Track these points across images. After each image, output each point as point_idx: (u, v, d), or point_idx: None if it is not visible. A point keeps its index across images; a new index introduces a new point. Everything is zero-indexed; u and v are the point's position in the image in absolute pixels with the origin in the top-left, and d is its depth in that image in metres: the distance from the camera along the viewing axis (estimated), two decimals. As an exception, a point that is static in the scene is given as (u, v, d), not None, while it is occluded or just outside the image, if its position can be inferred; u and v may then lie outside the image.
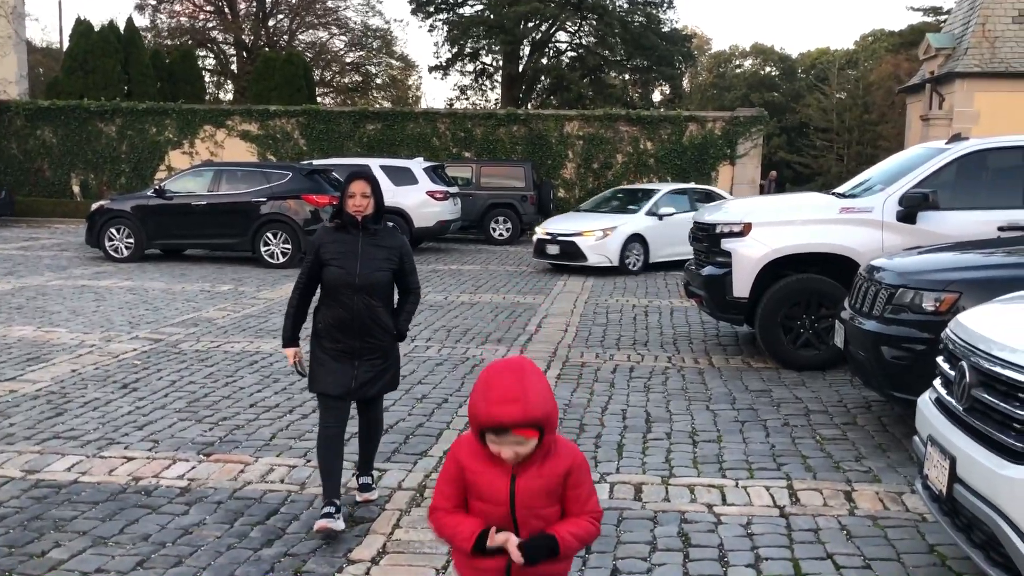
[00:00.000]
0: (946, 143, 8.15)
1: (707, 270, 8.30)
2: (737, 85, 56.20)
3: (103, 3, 72.80)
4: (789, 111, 49.87)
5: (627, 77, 42.98)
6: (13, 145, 24.36)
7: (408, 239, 20.62)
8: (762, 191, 24.58)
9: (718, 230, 8.25)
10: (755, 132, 23.34)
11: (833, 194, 8.61)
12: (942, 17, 37.58)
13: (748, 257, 7.92)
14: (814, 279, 7.82)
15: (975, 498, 3.08)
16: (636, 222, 14.91)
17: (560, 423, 6.10)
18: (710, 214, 8.77)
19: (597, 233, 14.43)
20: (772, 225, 8.01)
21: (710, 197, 15.68)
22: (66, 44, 28.91)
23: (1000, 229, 7.28)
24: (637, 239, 14.72)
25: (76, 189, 24.45)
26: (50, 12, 78.07)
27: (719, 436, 5.85)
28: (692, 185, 17.59)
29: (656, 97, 46.98)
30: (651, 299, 11.95)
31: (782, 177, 36.13)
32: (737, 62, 62.82)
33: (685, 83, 50.16)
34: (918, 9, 42.24)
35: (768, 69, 59.42)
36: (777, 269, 7.90)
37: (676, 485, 4.93)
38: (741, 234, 8.04)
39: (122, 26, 27.88)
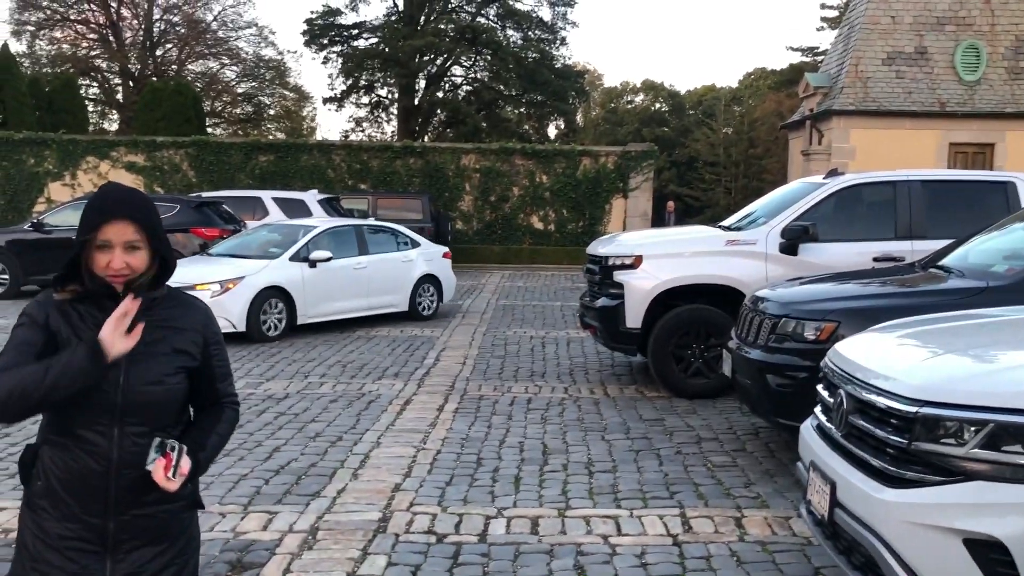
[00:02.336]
0: (823, 178, 8.55)
1: (600, 301, 8.44)
2: (629, 120, 57.79)
3: (-23, 28, 69.55)
4: (679, 145, 51.59)
5: (522, 111, 43.60)
6: None
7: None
8: (664, 223, 25.24)
9: (610, 262, 8.41)
10: (646, 166, 23.98)
11: (719, 227, 8.92)
12: (819, 57, 39.66)
13: (639, 288, 8.09)
14: (703, 309, 8.05)
15: (854, 521, 3.19)
16: (275, 270, 11.08)
17: (458, 457, 6.06)
18: (603, 246, 8.93)
19: (213, 287, 10.49)
20: (662, 257, 8.23)
21: (395, 236, 13.10)
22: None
23: (875, 260, 7.66)
24: (277, 293, 10.98)
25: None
26: (-82, 36, 74.01)
27: (614, 466, 5.91)
28: (369, 221, 14.11)
29: (551, 131, 47.81)
30: (548, 330, 12.06)
31: (674, 209, 37.21)
32: (629, 98, 64.69)
33: (579, 118, 51.23)
34: (797, 49, 44.67)
35: (658, 105, 61.36)
36: (668, 300, 8.10)
37: (572, 517, 4.94)
38: (632, 266, 8.21)
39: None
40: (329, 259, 11.54)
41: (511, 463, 5.97)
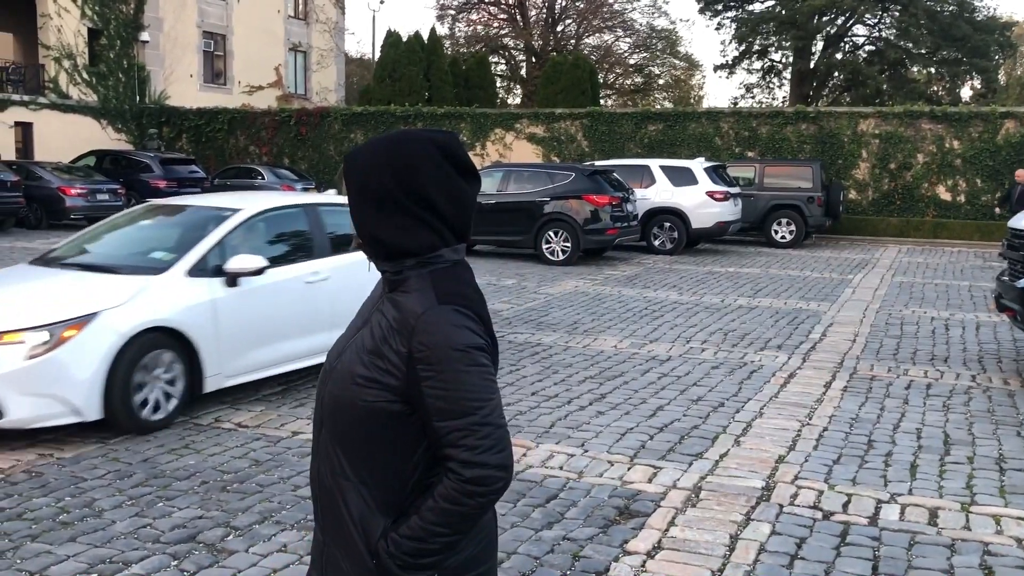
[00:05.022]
0: None
1: (1024, 282, 7.47)
2: (1067, 76, 49.77)
3: (410, 14, 79.06)
4: None
5: (932, 71, 39.56)
6: (331, 147, 27.14)
7: (684, 240, 19.25)
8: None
9: (1040, 238, 7.39)
10: (1088, 129, 20.53)
11: None
12: None
13: (1076, 269, 7.03)
14: None
15: None
16: (160, 297, 5.92)
17: (846, 437, 5.80)
18: (1030, 220, 7.87)
19: (30, 337, 5.34)
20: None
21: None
22: (378, 55, 31.73)
23: None
24: (164, 340, 5.85)
25: (381, 187, 26.81)
26: (364, 25, 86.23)
27: (1032, 466, 5.26)
28: (330, 197, 8.24)
29: (966, 92, 42.82)
30: (953, 312, 10.95)
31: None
32: (1068, 50, 55.57)
33: (1001, 76, 45.22)
34: None
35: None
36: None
37: (979, 514, 4.51)
38: (1068, 243, 7.15)
39: (426, 36, 30.16)
40: (261, 270, 6.22)
41: (906, 449, 5.57)
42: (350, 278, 6.51)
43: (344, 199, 6.67)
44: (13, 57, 27.66)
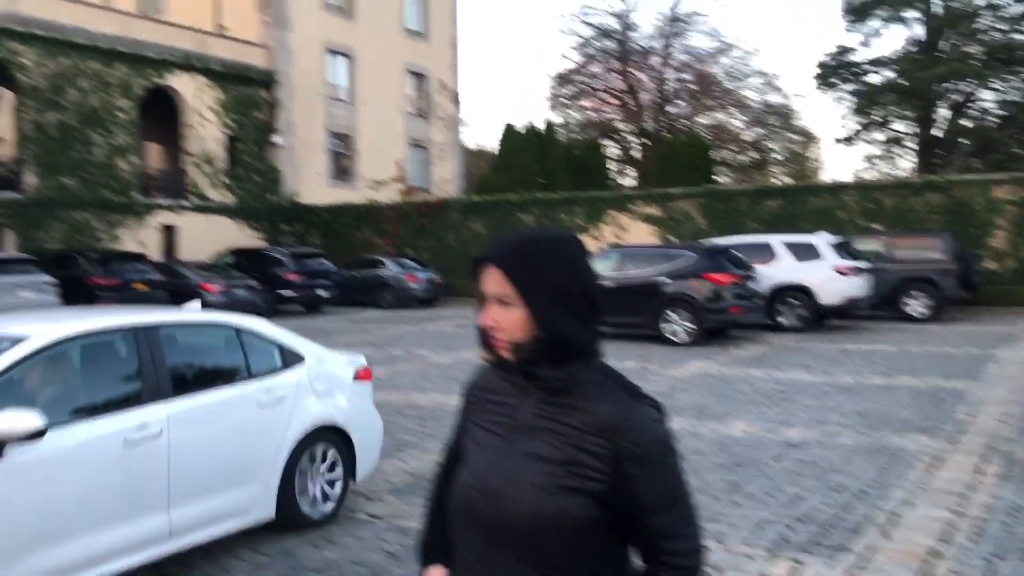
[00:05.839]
0: None
1: None
2: None
3: (524, 104, 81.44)
4: None
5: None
6: (451, 236, 27.91)
7: (813, 317, 18.57)
8: None
9: None
10: None
11: None
12: None
13: None
14: None
15: None
16: None
17: (1007, 529, 5.40)
18: None
19: None
20: None
21: (240, 344, 5.60)
22: (494, 145, 32.79)
23: None
24: None
25: (499, 273, 27.27)
26: (480, 117, 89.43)
27: None
28: (189, 312, 5.49)
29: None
30: (1115, 388, 10.16)
31: None
32: None
33: None
34: None
35: None
36: None
37: None
38: None
39: (540, 125, 31.03)
40: (40, 432, 4.01)
41: (1076, 541, 5.15)
42: (198, 428, 4.87)
43: (199, 316, 5.39)
44: (161, 165, 29.89)
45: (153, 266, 20.66)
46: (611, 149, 45.98)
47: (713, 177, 32.99)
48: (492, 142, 46.34)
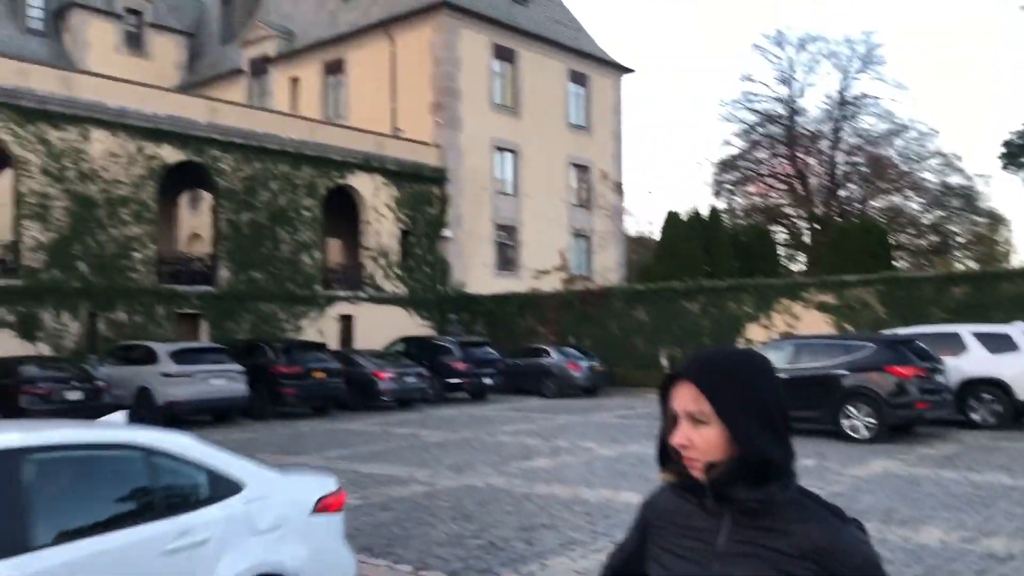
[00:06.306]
0: None
1: None
2: None
3: (687, 192, 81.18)
4: None
5: None
6: (613, 323, 27.82)
7: (1011, 413, 17.26)
8: None
9: None
10: None
11: None
12: None
13: None
14: None
15: None
16: None
17: None
18: None
19: None
20: None
21: (152, 472, 4.32)
22: (655, 234, 32.75)
23: None
24: None
25: (664, 362, 26.80)
26: (640, 204, 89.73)
27: None
28: (100, 432, 4.36)
29: None
30: None
31: None
32: None
33: None
34: None
35: None
36: None
37: None
38: None
39: (705, 212, 30.77)
40: None
41: None
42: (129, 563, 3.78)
43: (92, 435, 4.13)
44: (341, 259, 31.70)
45: (331, 355, 21.68)
46: (779, 235, 44.90)
47: (892, 263, 31.49)
48: (653, 228, 46.22)
